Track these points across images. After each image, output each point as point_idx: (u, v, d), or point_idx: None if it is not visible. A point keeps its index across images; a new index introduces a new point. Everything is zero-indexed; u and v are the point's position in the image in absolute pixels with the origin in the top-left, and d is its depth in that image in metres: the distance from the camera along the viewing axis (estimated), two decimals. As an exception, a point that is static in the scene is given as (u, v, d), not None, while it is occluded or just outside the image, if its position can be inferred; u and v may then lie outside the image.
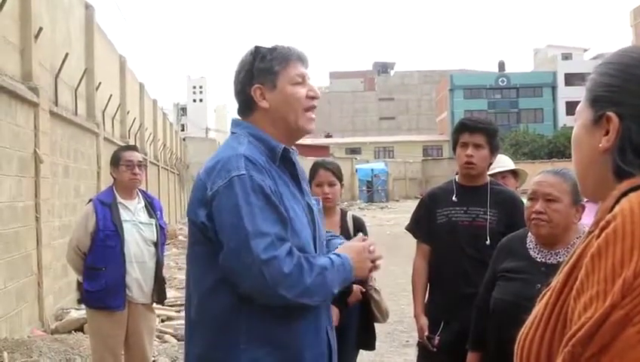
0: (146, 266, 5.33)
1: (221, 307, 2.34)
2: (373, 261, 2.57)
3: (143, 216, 5.43)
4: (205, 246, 2.35)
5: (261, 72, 2.47)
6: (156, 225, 5.47)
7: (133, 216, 5.36)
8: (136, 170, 5.38)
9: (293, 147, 2.59)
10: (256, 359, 2.32)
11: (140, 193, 5.55)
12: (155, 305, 5.63)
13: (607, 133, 1.34)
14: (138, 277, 5.28)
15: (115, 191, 5.39)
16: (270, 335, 2.33)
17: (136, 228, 5.32)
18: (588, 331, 1.14)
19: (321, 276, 2.31)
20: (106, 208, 5.26)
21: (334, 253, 2.47)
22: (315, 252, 2.50)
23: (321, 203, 2.79)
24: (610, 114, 1.34)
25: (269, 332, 2.33)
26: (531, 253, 3.28)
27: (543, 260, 3.21)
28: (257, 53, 2.50)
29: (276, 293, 2.23)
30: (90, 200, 5.46)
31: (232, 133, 2.57)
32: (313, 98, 2.53)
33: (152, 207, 5.52)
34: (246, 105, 2.53)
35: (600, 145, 1.35)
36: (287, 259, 2.24)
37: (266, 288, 2.22)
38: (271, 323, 2.33)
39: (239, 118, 2.61)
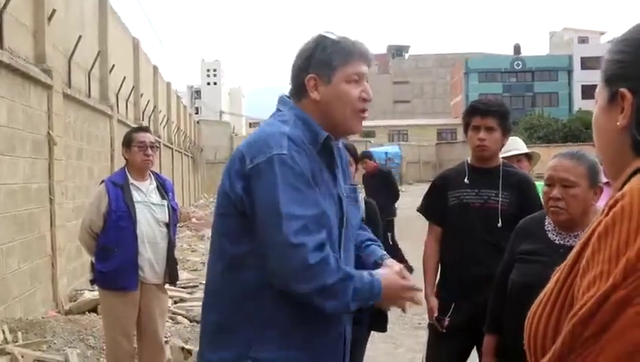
0: (158, 247, 5.34)
1: (246, 279, 2.32)
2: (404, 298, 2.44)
3: (155, 197, 5.43)
4: (238, 219, 2.32)
5: (319, 63, 2.42)
6: (168, 206, 5.47)
7: (145, 196, 5.36)
8: (149, 152, 5.38)
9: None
10: (268, 338, 2.31)
11: (151, 174, 5.55)
12: (167, 286, 5.65)
13: (622, 110, 1.31)
14: (150, 258, 5.29)
15: (127, 173, 5.39)
16: (286, 318, 2.32)
17: (148, 209, 5.33)
18: (589, 310, 1.13)
19: (344, 283, 2.23)
20: (118, 189, 5.26)
21: (369, 271, 2.38)
22: (340, 242, 2.46)
23: (359, 193, 2.73)
24: (623, 90, 1.31)
25: (285, 315, 2.32)
26: (550, 235, 3.23)
27: (562, 242, 3.16)
28: (320, 43, 2.45)
29: (293, 281, 2.21)
30: (102, 181, 5.47)
31: (278, 110, 2.53)
32: (365, 100, 2.47)
33: (163, 188, 5.52)
34: (298, 91, 2.49)
35: (617, 123, 1.32)
36: (315, 252, 2.19)
37: (286, 272, 2.20)
38: (286, 303, 2.30)
39: (287, 95, 2.56)
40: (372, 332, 4.82)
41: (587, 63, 73.12)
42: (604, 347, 1.11)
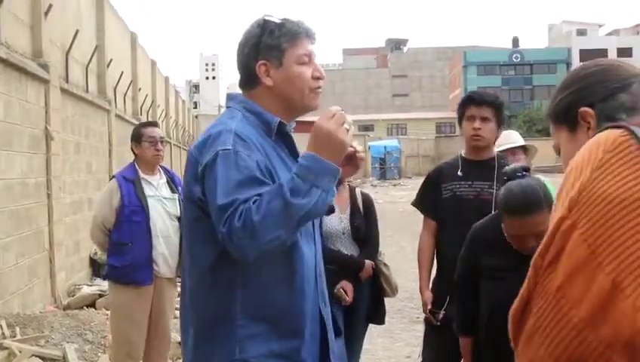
0: (171, 241, 5.33)
1: (219, 283, 2.31)
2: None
3: (166, 192, 5.42)
4: (205, 222, 2.29)
5: (268, 48, 2.40)
6: (179, 199, 5.45)
7: (156, 191, 5.35)
8: (159, 146, 5.39)
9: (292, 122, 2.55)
10: (255, 335, 2.29)
11: (161, 169, 5.55)
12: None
13: (588, 128, 1.56)
14: (164, 252, 5.28)
15: (137, 167, 5.39)
16: (267, 310, 2.30)
17: (160, 203, 5.32)
18: (545, 243, 1.37)
19: (277, 199, 2.11)
20: (130, 184, 5.25)
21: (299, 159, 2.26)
22: (313, 226, 2.45)
23: None
24: (583, 109, 1.56)
25: (265, 307, 2.30)
26: (514, 246, 3.16)
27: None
28: (266, 28, 2.42)
29: (246, 250, 2.13)
30: (113, 177, 5.47)
31: (228, 107, 2.54)
32: (318, 78, 2.46)
33: (173, 183, 5.52)
34: (249, 79, 2.47)
35: (588, 138, 1.48)
36: (237, 215, 2.12)
37: (239, 251, 2.15)
38: (267, 298, 2.29)
39: (235, 92, 2.59)
40: (370, 325, 4.83)
41: (586, 56, 72.87)
42: (558, 269, 1.32)
